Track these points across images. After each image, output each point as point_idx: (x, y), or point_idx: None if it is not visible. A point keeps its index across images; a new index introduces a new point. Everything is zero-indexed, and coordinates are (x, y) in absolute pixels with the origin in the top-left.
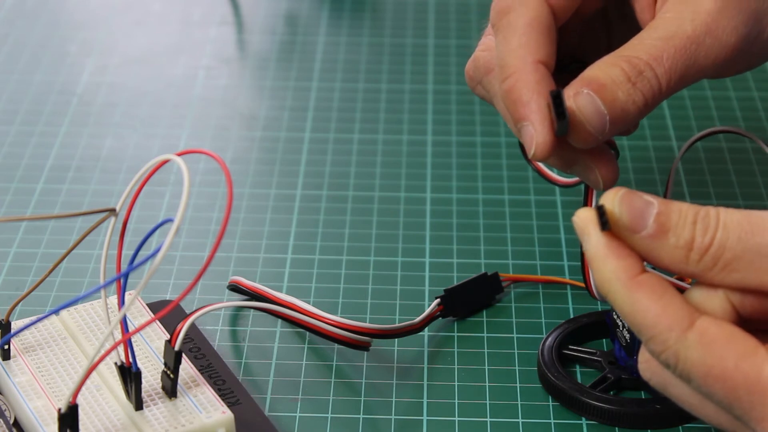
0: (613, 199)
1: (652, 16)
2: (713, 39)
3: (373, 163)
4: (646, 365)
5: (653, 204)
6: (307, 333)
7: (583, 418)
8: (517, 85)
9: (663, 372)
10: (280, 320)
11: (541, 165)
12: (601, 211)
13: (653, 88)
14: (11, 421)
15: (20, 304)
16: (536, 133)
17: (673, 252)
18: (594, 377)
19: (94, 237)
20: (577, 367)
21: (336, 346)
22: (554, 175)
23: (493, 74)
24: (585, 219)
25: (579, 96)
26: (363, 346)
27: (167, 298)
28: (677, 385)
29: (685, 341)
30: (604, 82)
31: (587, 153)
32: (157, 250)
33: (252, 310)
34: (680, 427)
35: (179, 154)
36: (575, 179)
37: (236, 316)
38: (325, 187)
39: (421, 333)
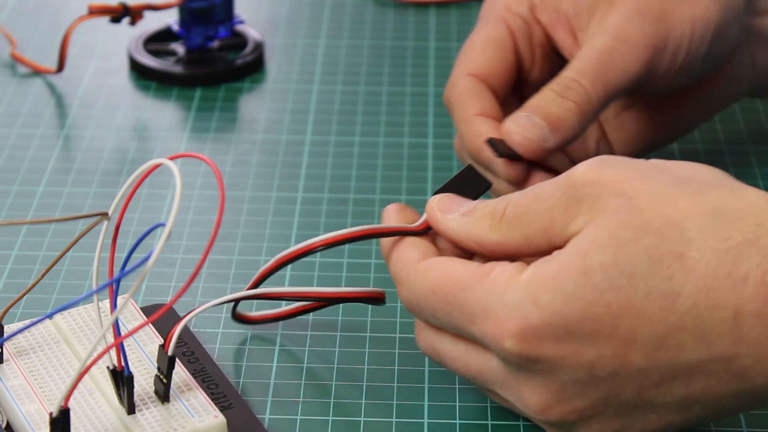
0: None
1: (578, 49)
2: (624, 45)
3: (374, 166)
4: (418, 336)
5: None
6: (308, 333)
7: None
8: (473, 147)
9: (426, 330)
10: (281, 322)
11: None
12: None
13: (582, 95)
14: (3, 425)
15: (22, 307)
16: (501, 173)
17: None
18: None
19: (94, 240)
20: None
21: (337, 349)
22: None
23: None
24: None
25: (519, 119)
26: (377, 298)
27: (168, 302)
28: (435, 338)
29: (410, 276)
30: (539, 104)
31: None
32: (149, 256)
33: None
34: None
35: (171, 158)
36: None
37: None
38: (326, 190)
39: None
